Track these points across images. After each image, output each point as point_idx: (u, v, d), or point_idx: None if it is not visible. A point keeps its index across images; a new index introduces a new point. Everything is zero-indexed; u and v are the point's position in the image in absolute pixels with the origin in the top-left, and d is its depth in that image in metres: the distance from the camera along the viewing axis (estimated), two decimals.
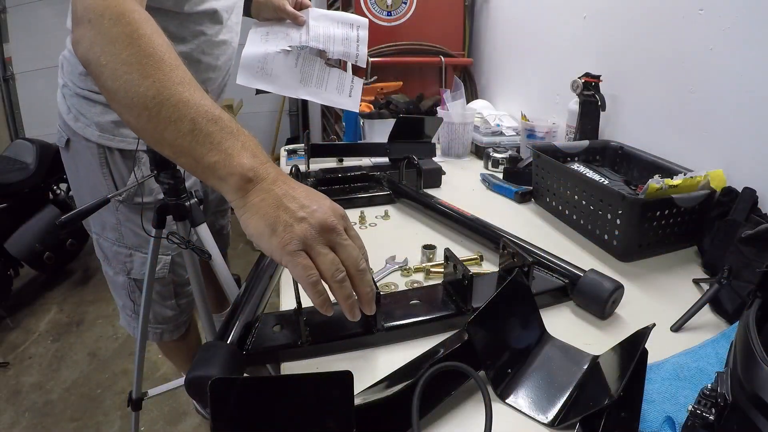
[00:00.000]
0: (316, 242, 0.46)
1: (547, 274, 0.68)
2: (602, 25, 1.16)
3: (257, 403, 0.36)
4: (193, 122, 0.48)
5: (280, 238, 0.45)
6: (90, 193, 0.95)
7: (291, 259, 0.45)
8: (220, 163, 0.47)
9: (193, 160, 0.49)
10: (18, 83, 3.19)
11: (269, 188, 0.48)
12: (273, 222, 0.46)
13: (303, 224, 0.46)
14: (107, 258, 1.01)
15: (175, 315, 1.10)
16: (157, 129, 0.49)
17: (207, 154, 0.48)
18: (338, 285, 0.46)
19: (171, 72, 0.50)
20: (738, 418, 0.35)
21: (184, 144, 0.48)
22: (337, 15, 1.04)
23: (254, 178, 0.48)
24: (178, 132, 0.48)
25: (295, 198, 0.47)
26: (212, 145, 0.48)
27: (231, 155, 0.48)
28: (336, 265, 0.46)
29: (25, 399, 1.70)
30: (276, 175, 0.49)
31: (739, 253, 0.65)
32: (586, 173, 0.93)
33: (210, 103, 0.50)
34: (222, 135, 0.48)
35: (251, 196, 0.47)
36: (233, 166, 0.47)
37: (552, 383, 0.50)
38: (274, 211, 0.46)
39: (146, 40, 0.51)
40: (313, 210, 0.47)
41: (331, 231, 0.47)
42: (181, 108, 0.48)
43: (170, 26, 0.83)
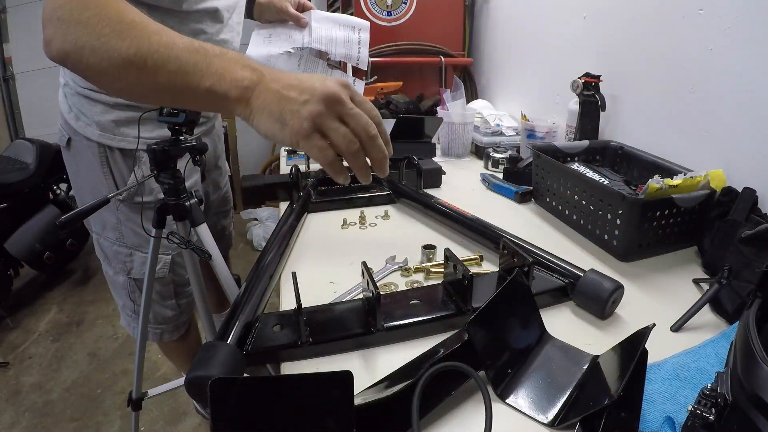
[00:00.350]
0: (325, 118, 0.48)
1: (547, 274, 0.68)
2: (602, 25, 1.16)
3: (257, 403, 0.36)
4: (178, 59, 0.50)
5: (291, 127, 0.48)
6: (90, 192, 0.95)
7: (306, 143, 0.48)
8: (215, 84, 0.50)
9: (191, 94, 0.51)
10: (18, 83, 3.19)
11: (267, 87, 0.50)
12: (280, 114, 0.48)
13: (308, 105, 0.48)
14: (107, 258, 1.01)
15: (175, 315, 1.10)
16: (148, 80, 0.51)
17: (200, 81, 0.50)
18: (353, 157, 0.50)
19: (144, 27, 0.53)
20: (738, 418, 0.35)
21: (178, 81, 0.51)
22: (339, 17, 1.05)
23: (250, 84, 0.50)
24: (169, 73, 0.50)
25: (293, 86, 0.50)
26: (202, 72, 0.50)
27: (222, 74, 0.50)
28: (348, 137, 0.49)
29: (25, 399, 1.70)
30: (270, 74, 0.51)
31: (739, 253, 0.65)
32: (586, 173, 0.93)
33: (189, 39, 0.53)
34: (208, 60, 0.51)
35: (253, 101, 0.50)
36: (228, 82, 0.50)
37: (552, 383, 0.50)
38: (277, 105, 0.49)
39: (114, 12, 0.53)
40: (314, 89, 0.49)
41: (337, 102, 0.49)
42: (163, 51, 0.51)
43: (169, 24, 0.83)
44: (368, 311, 0.58)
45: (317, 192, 1.03)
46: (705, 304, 0.62)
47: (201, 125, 1.05)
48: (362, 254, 0.73)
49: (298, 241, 0.85)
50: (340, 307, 0.62)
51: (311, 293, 0.67)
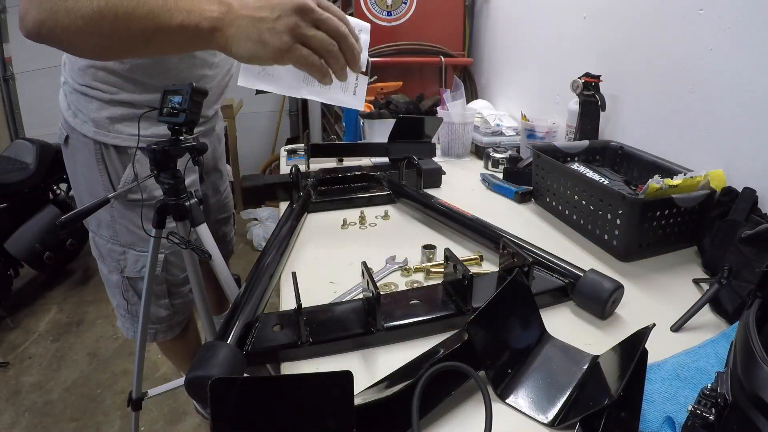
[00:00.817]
0: (301, 28, 0.51)
1: (547, 274, 0.68)
2: (602, 25, 1.16)
3: (257, 403, 0.36)
4: (146, 3, 0.53)
5: (273, 44, 0.51)
6: (87, 189, 0.95)
7: (290, 54, 0.51)
8: (185, 20, 0.52)
9: (164, 34, 0.53)
10: (18, 83, 3.18)
11: (238, 14, 0.53)
12: (258, 35, 0.51)
13: (283, 20, 0.51)
14: (102, 256, 1.01)
15: (169, 315, 1.09)
16: (122, 29, 0.53)
17: (170, 19, 0.52)
18: (334, 57, 0.53)
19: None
20: (738, 418, 0.35)
21: (149, 24, 0.53)
22: None
23: (220, 15, 0.53)
24: (140, 18, 0.53)
25: (262, 7, 0.52)
26: (170, 10, 0.52)
27: (191, 9, 0.53)
28: (327, 40, 0.52)
29: (25, 399, 1.70)
30: (238, 3, 0.54)
31: (739, 253, 0.65)
32: (586, 173, 0.93)
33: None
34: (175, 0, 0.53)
35: (227, 30, 0.53)
36: (197, 15, 0.52)
37: (552, 383, 0.50)
38: (254, 27, 0.51)
39: None
40: (282, 4, 0.52)
41: (308, 11, 0.52)
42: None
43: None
44: (368, 311, 0.58)
45: (317, 192, 1.03)
46: (705, 304, 0.62)
47: (201, 125, 1.05)
48: (362, 254, 0.73)
49: (298, 241, 0.85)
50: (340, 307, 0.62)
51: (311, 293, 0.67)
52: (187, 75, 0.90)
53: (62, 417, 1.62)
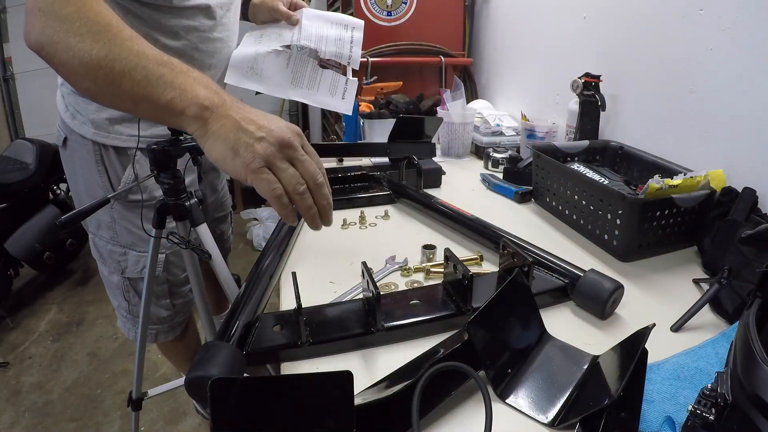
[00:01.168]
0: (276, 159, 0.50)
1: (547, 274, 0.68)
2: (602, 25, 1.16)
3: (257, 403, 0.36)
4: (145, 69, 0.52)
5: (243, 158, 0.49)
6: (86, 191, 0.95)
7: (255, 175, 0.49)
8: (176, 98, 0.51)
9: (151, 104, 0.52)
10: (18, 83, 3.18)
11: (226, 114, 0.51)
12: (234, 144, 0.49)
13: (263, 143, 0.49)
14: (102, 257, 1.01)
15: (170, 315, 1.09)
16: (114, 84, 0.52)
17: (162, 93, 0.51)
18: (300, 197, 0.50)
19: (119, 33, 0.54)
20: (738, 418, 0.35)
21: (140, 90, 0.52)
22: (333, 16, 1.03)
23: (210, 106, 0.51)
24: (133, 81, 0.52)
25: (252, 120, 0.51)
26: (166, 84, 0.51)
27: (185, 90, 0.51)
28: (297, 178, 0.50)
29: (25, 399, 1.70)
30: (231, 101, 0.53)
31: (739, 253, 0.65)
32: (586, 173, 0.93)
33: (158, 52, 0.54)
34: (173, 74, 0.52)
35: (211, 123, 0.51)
36: (189, 99, 0.51)
37: (552, 383, 0.50)
38: (234, 134, 0.50)
39: (93, 14, 0.54)
40: (270, 129, 0.50)
41: (289, 147, 0.50)
42: (133, 59, 0.52)
43: (161, 20, 0.83)
44: (368, 311, 0.58)
45: None
46: (705, 304, 0.62)
47: None
48: (362, 254, 0.73)
49: (298, 241, 0.85)
50: (340, 307, 0.62)
51: (311, 293, 0.67)
52: None
53: (62, 417, 1.62)
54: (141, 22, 0.81)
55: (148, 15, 0.81)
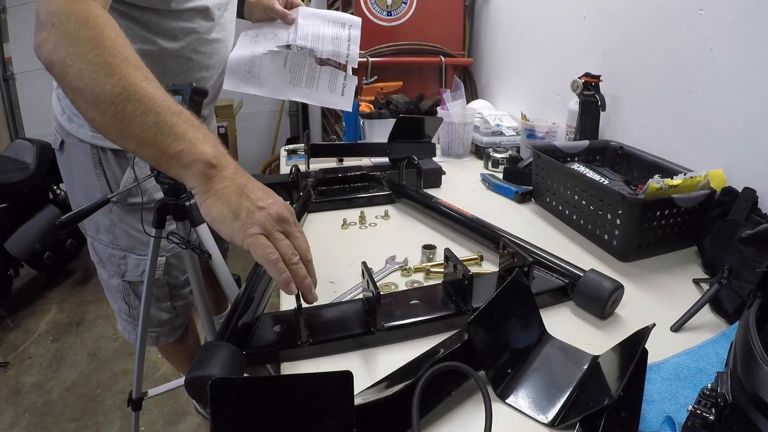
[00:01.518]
0: (273, 229, 0.51)
1: (547, 274, 0.68)
2: (602, 25, 1.16)
3: (257, 403, 0.36)
4: (157, 115, 0.51)
5: (243, 223, 0.49)
6: (84, 194, 0.95)
7: (253, 240, 0.49)
8: (185, 151, 0.51)
9: (157, 151, 0.52)
10: (18, 83, 3.18)
11: (232, 177, 0.52)
12: (236, 208, 0.50)
13: (263, 212, 0.50)
14: (101, 261, 1.01)
15: (171, 318, 1.09)
16: (123, 123, 0.52)
17: (172, 143, 0.51)
18: (295, 267, 0.50)
19: (135, 71, 0.53)
20: (738, 418, 0.35)
21: (149, 136, 0.51)
22: (329, 14, 1.02)
23: (217, 165, 0.52)
24: (144, 125, 0.51)
25: (254, 190, 0.52)
26: (177, 135, 0.51)
27: (195, 144, 0.51)
28: (291, 249, 0.51)
29: (25, 399, 1.70)
30: (236, 167, 0.54)
31: (739, 253, 0.65)
32: (586, 173, 0.93)
33: (172, 100, 0.54)
34: (185, 126, 0.52)
35: (215, 182, 0.51)
36: (198, 153, 0.51)
37: (552, 383, 0.50)
38: (237, 198, 0.50)
39: (111, 43, 0.54)
40: (270, 202, 0.52)
41: (285, 222, 0.52)
42: (146, 102, 0.51)
43: (160, 23, 0.82)
44: (368, 311, 0.58)
45: (317, 192, 1.03)
46: (705, 304, 0.62)
47: None
48: (362, 254, 0.73)
49: None
50: (340, 307, 0.62)
51: None
52: (185, 78, 0.90)
53: (62, 417, 1.62)
54: (140, 26, 0.81)
55: (146, 18, 0.81)
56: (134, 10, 0.79)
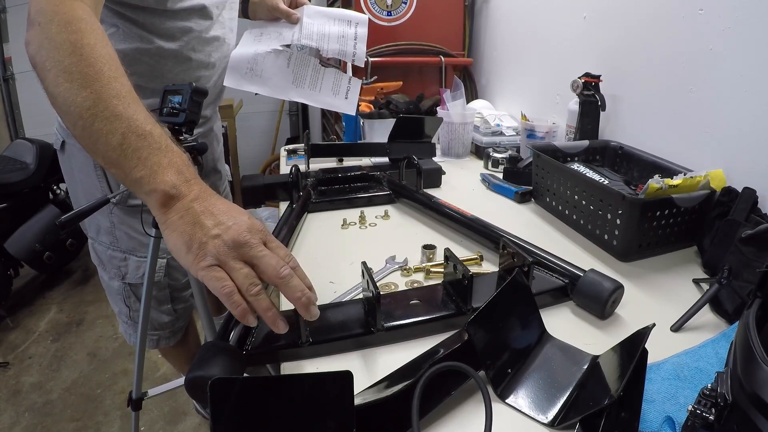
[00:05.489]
0: (228, 258, 0.46)
1: (547, 274, 0.68)
2: (602, 25, 1.16)
3: (257, 403, 0.36)
4: (122, 136, 0.49)
5: (194, 255, 0.46)
6: (85, 195, 0.95)
7: (205, 273, 0.46)
8: (145, 178, 0.49)
9: (122, 173, 0.50)
10: (18, 83, 3.18)
11: (189, 206, 0.48)
12: (189, 239, 0.47)
13: (216, 241, 0.46)
14: (102, 262, 1.00)
15: (172, 320, 1.09)
16: (90, 139, 0.51)
17: (134, 168, 0.49)
18: (253, 299, 0.46)
19: (108, 84, 0.51)
20: (738, 418, 0.35)
21: (113, 156, 0.50)
22: (335, 12, 1.00)
23: (176, 195, 0.48)
24: (108, 145, 0.49)
25: (212, 215, 0.48)
26: (139, 160, 0.49)
27: (156, 171, 0.49)
28: (250, 278, 0.46)
29: (25, 399, 1.70)
30: (198, 192, 0.50)
31: (739, 253, 0.65)
32: (586, 173, 0.93)
33: (143, 118, 0.51)
34: (149, 151, 0.49)
35: (171, 213, 0.48)
36: (157, 183, 0.48)
37: (552, 383, 0.50)
38: (190, 229, 0.47)
39: (89, 50, 0.52)
40: (227, 227, 0.47)
41: (244, 245, 0.47)
42: (113, 122, 0.49)
43: (156, 23, 0.82)
44: (368, 311, 0.58)
45: (317, 192, 1.03)
46: (705, 304, 0.62)
47: (199, 126, 1.04)
48: (362, 254, 0.73)
49: (298, 241, 0.85)
50: (340, 307, 0.62)
51: None
52: (184, 77, 0.90)
53: (62, 417, 1.62)
54: (136, 26, 0.81)
55: (143, 19, 0.81)
56: (130, 10, 0.79)
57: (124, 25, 0.80)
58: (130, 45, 0.82)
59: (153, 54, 0.84)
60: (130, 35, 0.81)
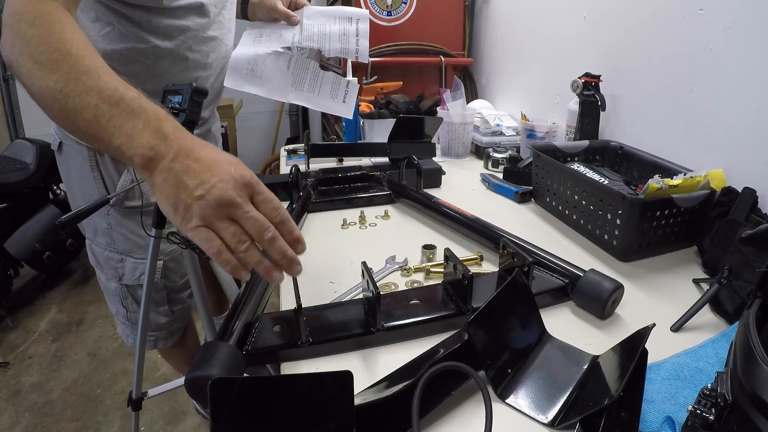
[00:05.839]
0: (213, 218, 0.46)
1: (547, 274, 0.68)
2: (602, 25, 1.16)
3: (257, 403, 0.36)
4: (96, 109, 0.49)
5: (181, 217, 0.47)
6: (82, 196, 0.94)
7: (193, 234, 0.47)
8: (124, 145, 0.49)
9: (103, 144, 0.50)
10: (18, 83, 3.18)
11: (170, 166, 0.48)
12: (174, 202, 0.47)
13: (200, 202, 0.46)
14: (99, 263, 1.00)
15: (169, 322, 1.08)
16: (68, 120, 0.51)
17: (112, 138, 0.49)
18: (243, 255, 0.47)
19: (77, 63, 0.51)
20: (738, 418, 0.35)
21: (92, 131, 0.50)
22: (334, 10, 0.99)
23: (155, 156, 0.48)
24: (85, 120, 0.50)
25: (195, 173, 0.47)
26: (115, 128, 0.49)
27: (132, 137, 0.48)
28: (237, 236, 0.46)
29: (25, 399, 1.70)
30: (178, 148, 0.48)
31: (739, 253, 0.65)
32: (586, 173, 0.93)
33: (114, 86, 0.51)
34: (123, 117, 0.49)
35: (156, 176, 0.48)
36: (135, 148, 0.48)
37: (552, 383, 0.50)
38: (174, 191, 0.47)
39: (55, 38, 0.53)
40: (211, 186, 0.46)
41: (230, 205, 0.46)
42: (85, 96, 0.50)
43: (153, 21, 0.82)
44: (368, 311, 0.58)
45: (317, 192, 1.03)
46: (705, 304, 0.62)
47: (198, 127, 1.04)
48: (362, 254, 0.73)
49: None
50: (340, 307, 0.62)
51: (311, 293, 0.67)
52: (181, 78, 0.89)
53: (62, 417, 1.62)
54: (132, 24, 0.80)
55: (139, 17, 0.80)
56: (125, 8, 0.78)
57: (120, 24, 0.79)
58: (126, 44, 0.82)
59: (149, 54, 0.84)
60: (125, 34, 0.81)
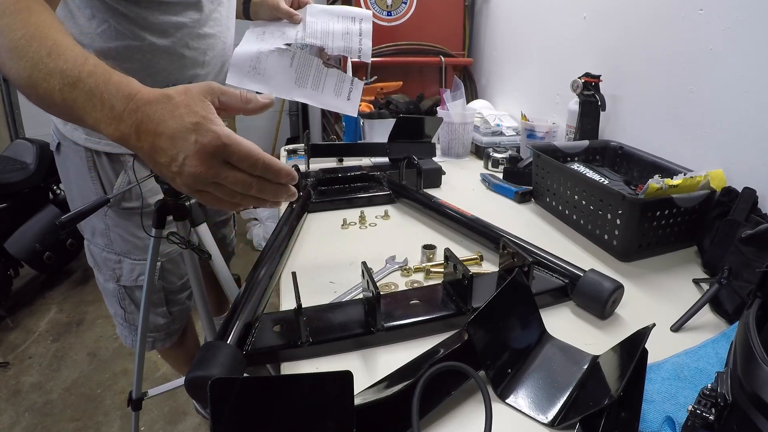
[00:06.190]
0: (198, 186, 0.47)
1: (547, 274, 0.68)
2: (602, 25, 1.16)
3: (257, 403, 0.36)
4: (60, 92, 0.49)
5: (178, 186, 0.48)
6: (80, 197, 0.94)
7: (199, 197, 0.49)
8: (96, 125, 0.49)
9: (84, 124, 0.50)
10: None
11: (138, 146, 0.47)
12: (161, 173, 0.48)
13: (179, 179, 0.47)
14: (97, 264, 1.00)
15: (167, 323, 1.08)
16: (45, 103, 0.51)
17: (83, 118, 0.49)
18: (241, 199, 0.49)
19: (40, 46, 0.51)
20: (738, 418, 0.35)
21: (65, 112, 0.50)
22: (338, 9, 0.99)
23: (122, 137, 0.48)
24: (55, 103, 0.50)
25: (162, 150, 0.46)
26: (81, 110, 0.49)
27: (98, 121, 0.48)
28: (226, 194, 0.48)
29: (25, 399, 1.70)
30: (137, 126, 0.47)
31: (739, 253, 0.65)
32: (586, 173, 0.93)
33: (71, 65, 0.49)
34: (84, 100, 0.48)
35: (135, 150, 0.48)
36: (104, 132, 0.48)
37: (552, 383, 0.50)
38: (155, 166, 0.48)
39: (22, 24, 0.52)
40: (180, 164, 0.46)
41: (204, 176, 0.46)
42: (49, 80, 0.49)
43: (148, 18, 0.81)
44: (368, 311, 0.58)
45: (317, 192, 1.03)
46: (705, 304, 0.62)
47: None
48: (362, 254, 0.73)
49: (298, 241, 0.85)
50: (340, 307, 0.62)
51: (311, 293, 0.67)
52: (178, 76, 0.89)
53: (62, 417, 1.62)
54: (128, 21, 0.80)
55: (134, 13, 0.80)
56: (119, 4, 0.78)
57: (116, 21, 0.79)
58: (122, 42, 0.81)
59: (145, 51, 0.84)
60: (121, 32, 0.80)
